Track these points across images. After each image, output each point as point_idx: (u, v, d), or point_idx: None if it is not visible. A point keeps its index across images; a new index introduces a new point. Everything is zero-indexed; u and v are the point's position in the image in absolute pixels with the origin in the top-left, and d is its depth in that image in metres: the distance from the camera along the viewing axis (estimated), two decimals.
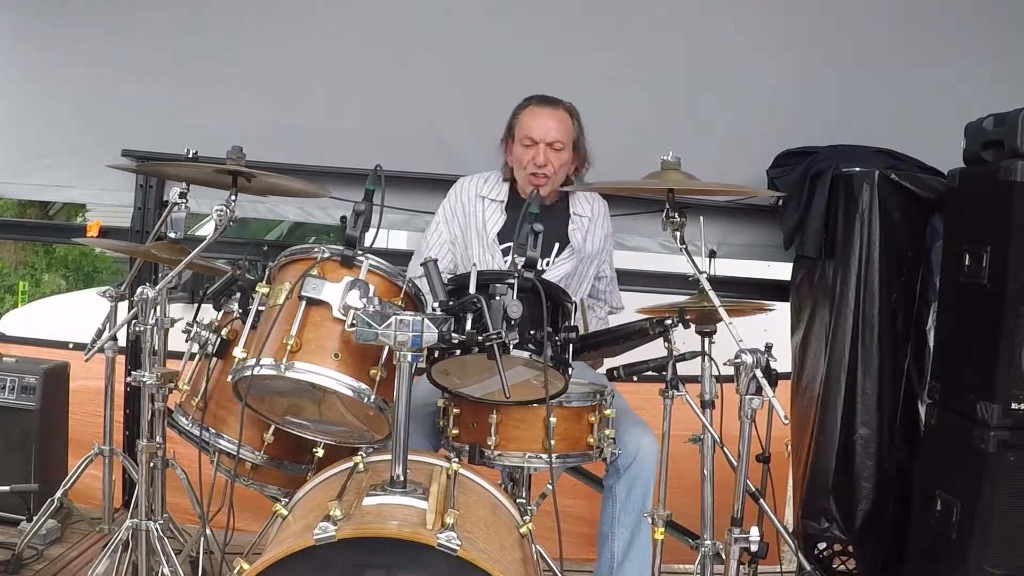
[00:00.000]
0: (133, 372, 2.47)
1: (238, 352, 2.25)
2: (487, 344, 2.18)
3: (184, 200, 2.62)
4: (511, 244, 2.96)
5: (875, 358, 3.10)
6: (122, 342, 3.10)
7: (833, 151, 3.41)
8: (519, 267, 2.29)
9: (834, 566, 3.39)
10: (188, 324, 2.62)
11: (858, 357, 3.10)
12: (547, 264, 3.00)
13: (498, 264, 2.98)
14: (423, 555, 1.78)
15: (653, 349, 2.56)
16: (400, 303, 2.23)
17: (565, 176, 3.00)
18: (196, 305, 2.75)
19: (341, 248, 2.23)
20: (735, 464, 2.34)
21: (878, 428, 3.09)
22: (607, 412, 2.56)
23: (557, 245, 3.02)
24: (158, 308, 2.47)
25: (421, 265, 2.31)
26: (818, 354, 3.27)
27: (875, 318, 3.11)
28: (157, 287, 2.44)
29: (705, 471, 2.52)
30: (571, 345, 2.38)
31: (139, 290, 2.42)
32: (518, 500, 2.41)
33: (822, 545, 3.34)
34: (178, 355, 2.62)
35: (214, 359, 2.57)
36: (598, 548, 2.82)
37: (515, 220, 2.94)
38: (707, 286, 2.34)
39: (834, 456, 3.10)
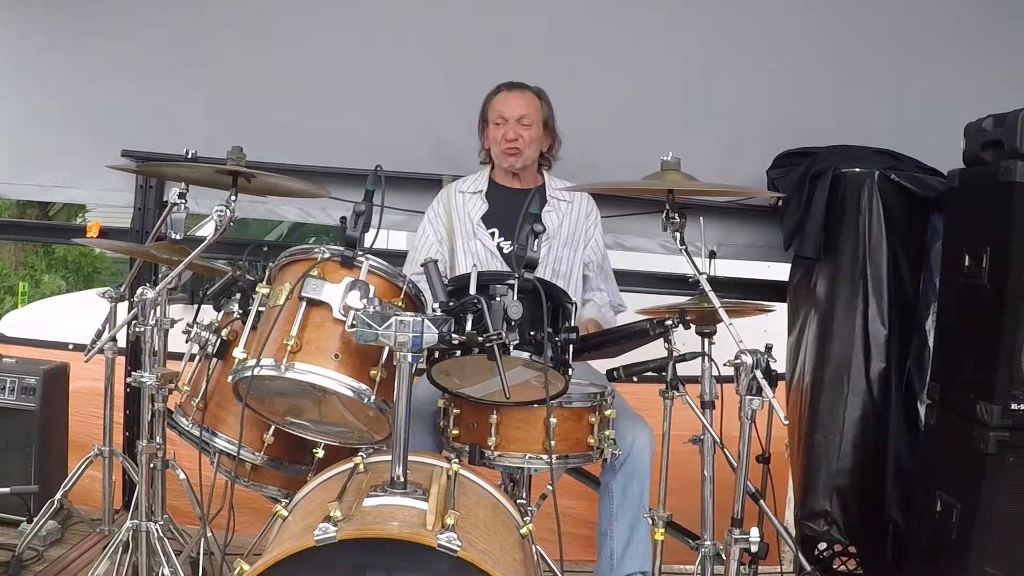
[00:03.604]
0: (133, 373, 2.47)
1: (238, 353, 2.25)
2: (487, 345, 2.18)
3: (184, 200, 2.62)
4: (496, 230, 3.05)
5: (875, 358, 3.10)
6: (122, 343, 3.10)
7: (833, 151, 3.41)
8: (520, 268, 2.28)
9: (834, 566, 3.39)
10: (188, 325, 2.61)
11: (859, 357, 3.10)
12: None
13: (488, 247, 3.03)
14: (423, 556, 1.78)
15: (653, 350, 2.56)
16: (400, 304, 2.23)
17: (538, 152, 3.13)
18: (196, 306, 2.75)
19: (341, 249, 2.24)
20: (735, 464, 2.34)
21: (879, 429, 3.09)
22: (607, 412, 2.56)
23: None
24: (158, 309, 2.46)
25: (422, 266, 2.32)
26: (816, 355, 3.26)
27: (875, 318, 3.11)
28: (157, 288, 2.44)
29: (705, 471, 2.52)
30: (571, 346, 2.38)
31: (139, 291, 2.42)
32: (518, 501, 2.41)
33: (822, 545, 3.34)
34: (178, 356, 2.62)
35: (214, 360, 2.57)
36: (598, 547, 2.82)
37: (497, 205, 3.08)
38: (707, 287, 2.33)
39: (836, 457, 3.10)
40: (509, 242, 2.98)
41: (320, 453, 2.40)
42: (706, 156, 3.15)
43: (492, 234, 3.07)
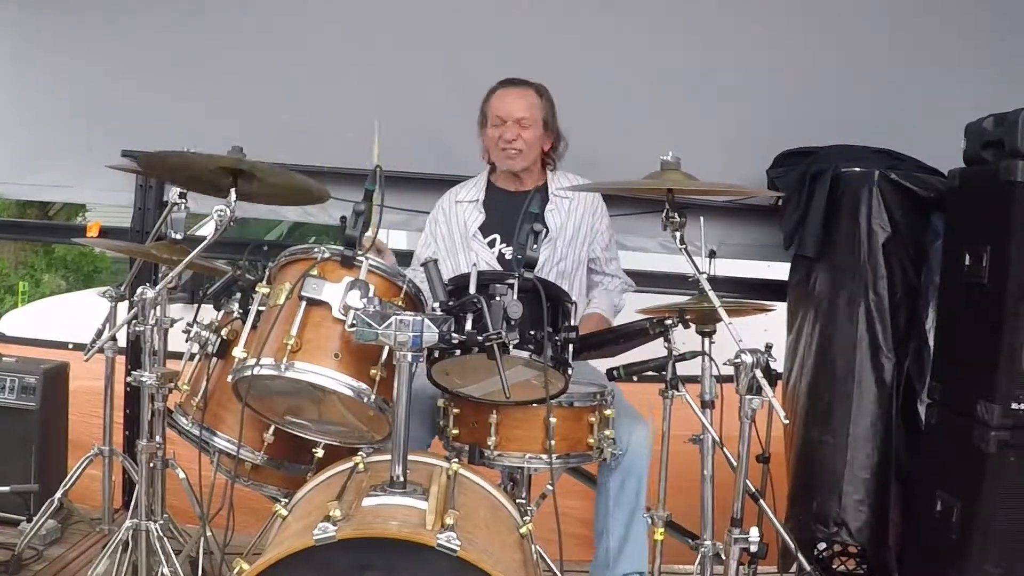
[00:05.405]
0: (133, 372, 2.47)
1: (238, 352, 2.26)
2: (487, 344, 2.18)
3: (184, 200, 2.62)
4: (496, 236, 3.03)
5: (875, 358, 3.10)
6: (122, 342, 3.10)
7: (833, 151, 3.41)
8: (519, 267, 2.28)
9: (834, 566, 3.39)
10: (188, 324, 2.62)
11: (859, 357, 3.10)
12: None
13: (485, 257, 3.01)
14: (423, 556, 1.78)
15: (653, 349, 2.56)
16: (400, 303, 2.23)
17: (539, 152, 3.08)
18: (196, 305, 2.75)
19: (341, 248, 2.24)
20: (735, 464, 2.34)
21: (879, 428, 3.09)
22: (607, 412, 2.56)
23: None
24: (158, 308, 2.46)
25: (421, 266, 2.32)
26: (816, 354, 3.26)
27: (875, 318, 3.11)
28: (157, 287, 2.43)
29: (705, 471, 2.52)
30: (571, 345, 2.38)
31: (139, 290, 2.42)
32: (518, 500, 2.41)
33: (822, 545, 3.34)
34: (178, 355, 2.62)
35: (214, 359, 2.58)
36: (595, 544, 2.81)
37: (496, 212, 3.05)
38: (707, 286, 2.33)
39: (841, 458, 3.10)
40: (512, 248, 2.97)
41: (320, 453, 2.39)
42: (706, 155, 3.15)
43: (493, 241, 3.04)
